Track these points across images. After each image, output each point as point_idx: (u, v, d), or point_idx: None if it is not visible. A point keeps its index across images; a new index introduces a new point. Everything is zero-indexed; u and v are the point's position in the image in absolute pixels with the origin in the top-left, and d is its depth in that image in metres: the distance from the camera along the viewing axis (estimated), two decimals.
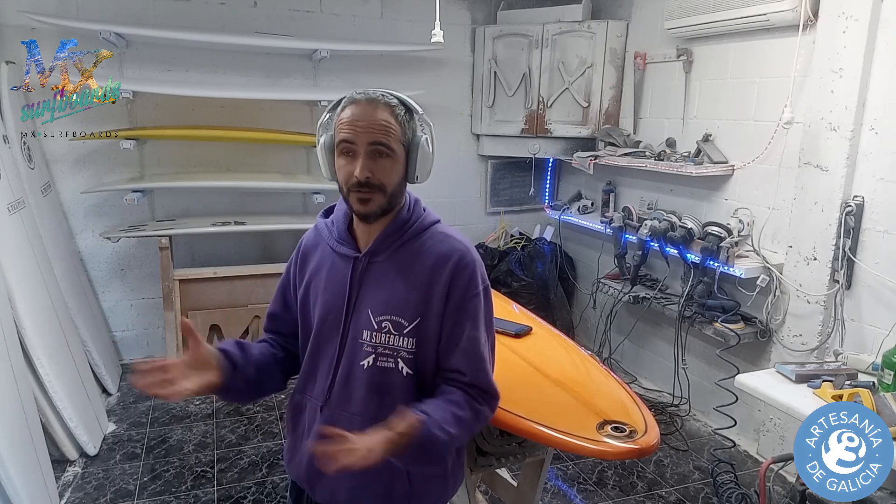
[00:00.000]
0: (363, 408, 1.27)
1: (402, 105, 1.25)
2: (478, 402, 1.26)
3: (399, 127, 1.22)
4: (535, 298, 4.04)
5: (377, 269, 1.28)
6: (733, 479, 2.67)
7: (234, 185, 3.78)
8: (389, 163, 1.21)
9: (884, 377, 1.97)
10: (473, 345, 1.26)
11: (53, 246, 3.10)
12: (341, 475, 1.27)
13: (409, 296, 1.24)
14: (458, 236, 1.32)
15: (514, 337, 2.05)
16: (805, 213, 2.69)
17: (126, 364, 3.83)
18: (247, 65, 3.75)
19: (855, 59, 2.44)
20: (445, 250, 1.27)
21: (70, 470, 2.74)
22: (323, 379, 1.31)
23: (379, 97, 1.22)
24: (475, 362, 1.26)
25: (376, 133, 1.19)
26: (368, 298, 1.26)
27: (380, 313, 1.25)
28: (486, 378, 1.28)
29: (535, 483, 2.00)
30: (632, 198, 3.73)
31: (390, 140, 1.21)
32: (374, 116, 1.20)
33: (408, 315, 1.24)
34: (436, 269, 1.25)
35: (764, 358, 2.97)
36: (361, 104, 1.21)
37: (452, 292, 1.25)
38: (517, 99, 4.08)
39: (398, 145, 1.22)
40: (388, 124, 1.20)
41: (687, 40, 3.31)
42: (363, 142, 1.19)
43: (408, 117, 1.25)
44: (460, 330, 1.25)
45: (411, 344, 1.25)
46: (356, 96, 1.23)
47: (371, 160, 1.20)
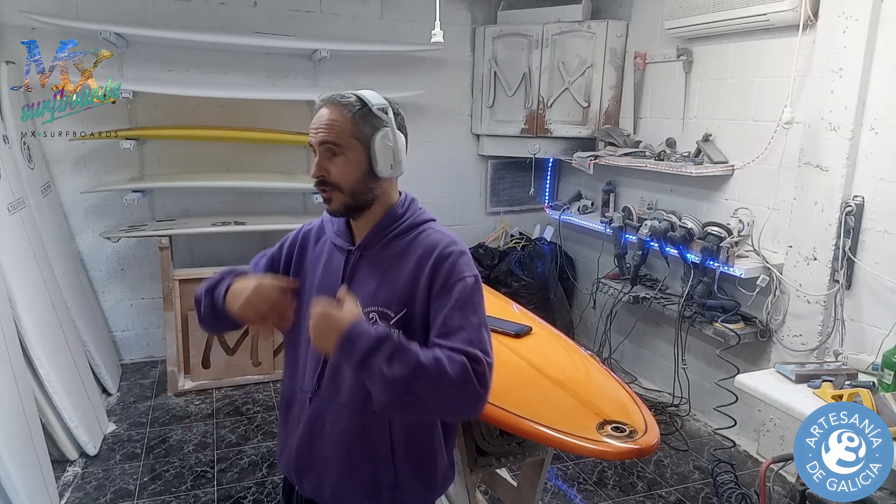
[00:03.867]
0: (350, 399, 1.28)
1: (359, 101, 1.26)
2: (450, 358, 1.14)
3: (350, 124, 1.24)
4: (535, 298, 4.04)
5: (368, 261, 1.31)
6: (733, 479, 2.67)
7: (234, 185, 3.78)
8: (342, 160, 1.24)
9: (884, 377, 1.97)
10: (462, 326, 1.19)
11: (53, 246, 3.10)
12: (326, 468, 1.31)
13: (396, 287, 1.26)
14: (449, 233, 1.31)
15: (514, 337, 2.05)
16: (805, 213, 2.69)
17: (126, 364, 3.83)
18: (247, 65, 3.75)
19: (855, 59, 2.44)
20: (430, 243, 1.28)
21: (70, 470, 2.74)
22: (312, 369, 1.33)
23: (335, 98, 1.26)
24: (468, 338, 1.18)
25: (323, 133, 1.24)
26: (358, 290, 1.27)
27: (367, 304, 1.26)
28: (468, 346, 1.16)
29: (535, 483, 2.00)
30: (632, 198, 3.73)
31: (337, 137, 1.24)
32: (326, 117, 1.25)
33: (394, 306, 1.25)
34: (420, 261, 1.26)
35: (764, 358, 2.97)
36: (318, 106, 1.28)
37: (436, 279, 1.24)
38: (517, 99, 4.08)
39: (349, 141, 1.24)
40: (333, 122, 1.24)
41: (687, 40, 3.31)
42: (316, 143, 1.26)
43: (363, 113, 1.25)
44: (441, 314, 1.20)
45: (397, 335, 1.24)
46: (318, 100, 1.29)
47: (326, 160, 1.25)
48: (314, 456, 1.34)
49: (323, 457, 1.33)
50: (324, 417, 1.32)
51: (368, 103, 1.26)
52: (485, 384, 1.16)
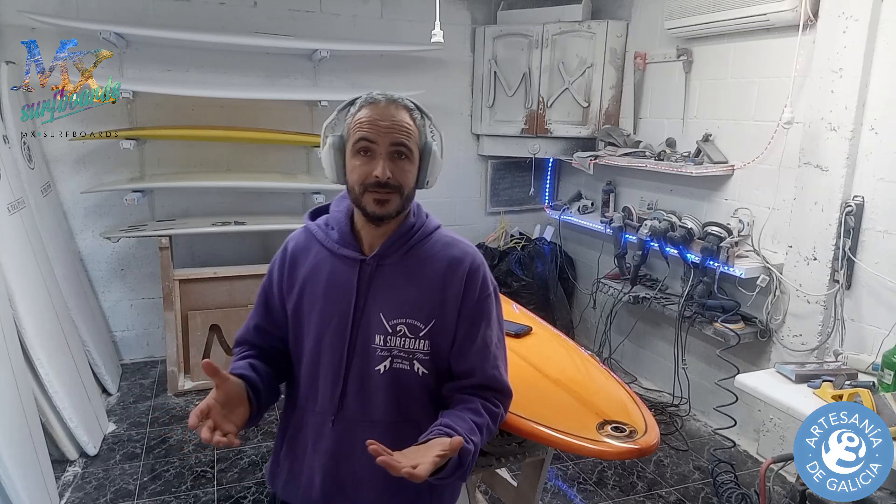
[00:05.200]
0: (384, 414, 1.24)
1: (418, 110, 1.26)
2: (492, 404, 1.25)
3: (418, 131, 1.23)
4: (535, 298, 4.04)
5: (386, 272, 1.25)
6: (733, 479, 2.67)
7: (234, 185, 3.78)
8: (408, 165, 1.21)
9: (884, 377, 1.97)
10: (488, 344, 1.26)
11: (53, 246, 3.10)
12: (361, 489, 1.26)
13: (423, 299, 1.23)
14: (463, 240, 1.33)
15: (514, 337, 2.05)
16: (805, 213, 2.69)
17: (126, 364, 3.83)
18: (247, 65, 3.75)
19: (855, 59, 2.44)
20: (457, 254, 1.27)
21: (70, 470, 2.74)
22: (330, 389, 1.25)
23: (399, 99, 1.23)
24: (489, 361, 1.26)
25: (399, 134, 1.19)
26: (379, 302, 1.23)
27: (394, 317, 1.22)
28: (500, 376, 1.28)
29: (535, 483, 2.00)
30: (632, 198, 3.73)
31: (410, 142, 1.21)
32: (397, 117, 1.20)
33: (423, 318, 1.23)
34: (449, 273, 1.25)
35: (764, 358, 2.97)
36: (381, 104, 1.21)
37: (468, 295, 1.25)
38: (517, 99, 4.08)
39: (416, 148, 1.23)
40: (408, 126, 1.21)
41: (687, 40, 3.31)
42: (385, 142, 1.18)
43: (423, 122, 1.26)
44: (476, 331, 1.26)
45: (426, 346, 1.24)
46: (376, 96, 1.22)
47: (391, 161, 1.19)
48: (344, 480, 1.27)
49: (356, 479, 1.26)
50: (353, 437, 1.25)
51: (427, 115, 1.27)
52: (507, 409, 1.32)
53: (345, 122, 1.25)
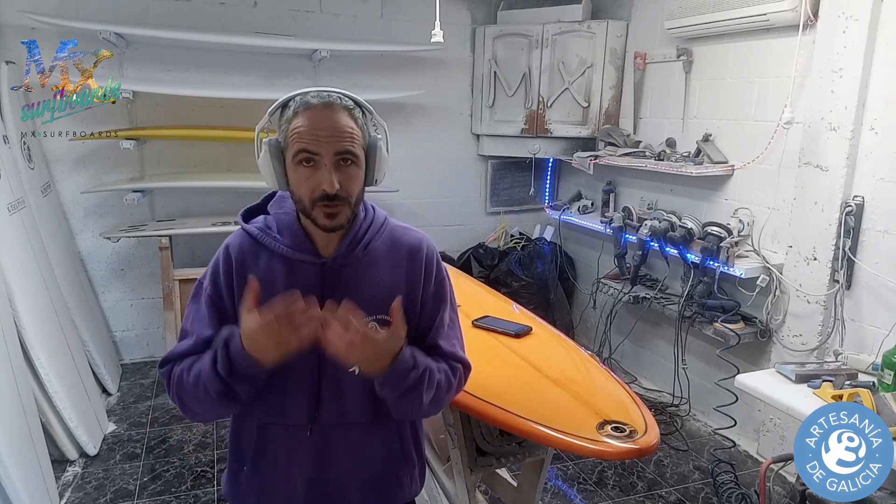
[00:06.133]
0: (361, 415, 1.23)
1: (358, 106, 1.17)
2: (450, 366, 1.26)
3: (360, 132, 1.15)
4: (535, 298, 4.04)
5: (350, 272, 1.21)
6: (733, 479, 2.67)
7: (234, 185, 3.77)
8: (355, 170, 1.14)
9: (884, 377, 1.97)
10: (446, 324, 1.29)
11: (53, 246, 3.10)
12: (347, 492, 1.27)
13: (388, 293, 1.18)
14: (409, 226, 1.33)
15: (514, 337, 2.05)
16: (805, 213, 2.69)
17: (126, 364, 3.83)
18: (247, 65, 3.75)
19: (855, 59, 2.44)
20: (413, 242, 1.28)
21: (70, 470, 2.74)
22: (302, 399, 1.21)
23: (336, 100, 1.13)
24: (448, 339, 1.28)
25: (342, 142, 1.11)
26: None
27: (364, 315, 1.13)
28: (458, 351, 1.30)
29: (535, 483, 2.00)
30: (632, 198, 3.73)
31: (355, 147, 1.13)
32: (338, 123, 1.11)
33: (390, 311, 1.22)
34: (409, 261, 1.25)
35: (764, 358, 2.97)
36: (318, 109, 1.11)
37: (427, 280, 1.26)
38: (517, 99, 4.08)
39: (361, 151, 1.15)
40: (352, 130, 1.12)
41: (687, 40, 3.30)
42: (328, 152, 1.10)
43: (364, 119, 1.18)
44: (436, 313, 1.28)
45: None
46: (310, 100, 1.12)
47: (337, 170, 1.11)
48: (328, 487, 1.25)
49: (340, 483, 1.25)
50: (332, 442, 1.23)
51: (368, 109, 1.19)
52: (466, 380, 1.33)
53: (279, 127, 1.18)
